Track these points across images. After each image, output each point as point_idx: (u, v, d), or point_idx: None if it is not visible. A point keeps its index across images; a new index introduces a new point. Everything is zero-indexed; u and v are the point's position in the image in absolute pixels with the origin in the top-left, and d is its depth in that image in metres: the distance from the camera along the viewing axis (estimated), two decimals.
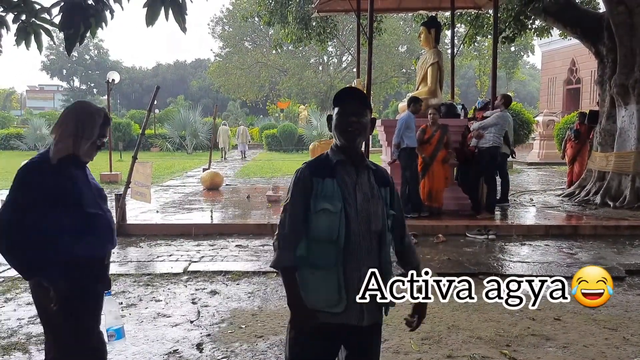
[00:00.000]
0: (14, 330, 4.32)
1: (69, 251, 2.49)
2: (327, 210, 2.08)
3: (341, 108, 2.16)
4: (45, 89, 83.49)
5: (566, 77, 29.68)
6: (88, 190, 2.61)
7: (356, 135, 2.14)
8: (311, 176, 2.13)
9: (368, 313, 2.14)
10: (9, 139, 31.09)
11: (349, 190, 2.12)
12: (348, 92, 2.21)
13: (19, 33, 3.86)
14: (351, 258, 2.10)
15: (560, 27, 11.93)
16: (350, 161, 2.17)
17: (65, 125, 2.60)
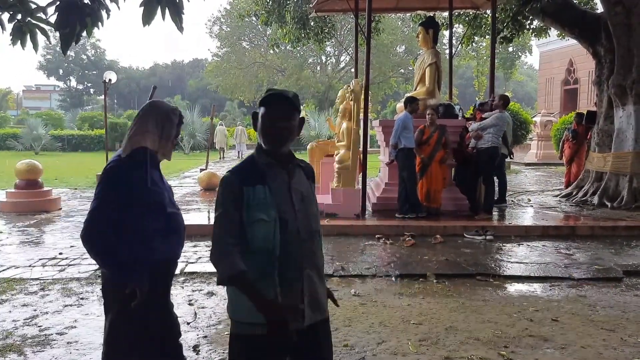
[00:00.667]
0: (9, 332, 4.29)
1: (155, 252, 2.50)
2: (262, 220, 1.98)
3: (267, 110, 2.05)
4: (41, 88, 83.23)
5: (564, 77, 29.71)
6: (165, 190, 2.63)
7: (284, 139, 2.06)
8: (240, 185, 2.01)
9: (311, 312, 2.09)
10: (5, 139, 30.97)
11: (282, 194, 2.04)
12: (275, 94, 2.07)
13: (14, 32, 3.83)
14: (290, 264, 2.03)
15: (558, 28, 11.93)
16: (279, 163, 2.08)
17: (141, 124, 2.60)
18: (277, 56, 43.52)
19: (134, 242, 2.45)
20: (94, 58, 70.00)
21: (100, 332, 4.24)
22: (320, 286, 2.16)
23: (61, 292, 5.31)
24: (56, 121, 37.18)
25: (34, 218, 9.45)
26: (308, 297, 2.08)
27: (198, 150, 29.52)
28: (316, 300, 2.12)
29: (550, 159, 20.27)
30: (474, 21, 13.34)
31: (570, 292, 5.32)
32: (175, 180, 15.86)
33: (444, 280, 5.64)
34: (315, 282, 2.12)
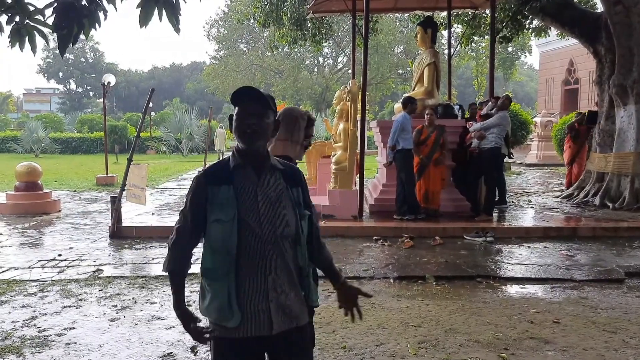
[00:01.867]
0: (8, 333, 4.28)
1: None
2: (220, 220, 1.95)
3: (240, 108, 2.02)
4: (41, 92, 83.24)
5: (564, 77, 29.67)
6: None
7: (256, 137, 1.99)
8: (206, 184, 2.00)
9: (278, 320, 1.99)
10: (5, 142, 31.03)
11: (247, 196, 1.98)
12: (247, 91, 2.03)
13: (12, 35, 3.81)
14: (251, 268, 1.97)
15: (558, 27, 11.92)
16: (250, 164, 2.03)
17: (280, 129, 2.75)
18: (275, 58, 43.53)
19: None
20: (93, 61, 70.00)
21: (99, 333, 4.25)
22: (293, 292, 2.05)
23: (60, 294, 5.29)
24: (56, 124, 37.21)
25: (33, 220, 9.44)
26: (275, 303, 1.98)
27: (196, 153, 29.51)
28: (285, 307, 2.01)
29: (551, 160, 20.24)
30: (473, 21, 13.33)
31: (571, 293, 5.29)
32: (173, 182, 15.85)
33: (443, 282, 5.62)
34: (285, 288, 2.01)
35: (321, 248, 2.23)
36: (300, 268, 2.08)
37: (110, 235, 7.87)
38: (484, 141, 8.41)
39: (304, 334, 2.15)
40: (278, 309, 1.99)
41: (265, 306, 1.97)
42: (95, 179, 15.19)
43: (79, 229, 8.63)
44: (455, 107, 9.93)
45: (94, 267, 6.26)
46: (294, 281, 2.06)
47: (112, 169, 15.90)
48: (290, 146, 2.78)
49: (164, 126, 31.65)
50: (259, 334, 1.99)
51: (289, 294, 2.03)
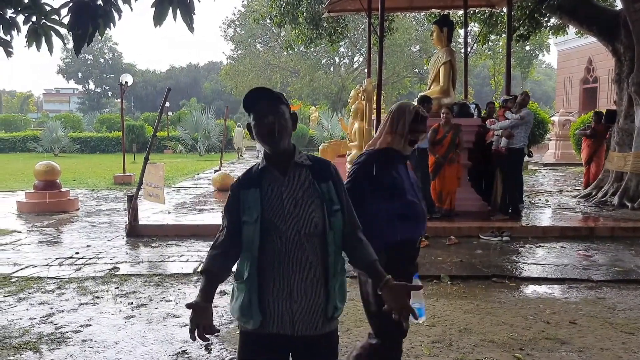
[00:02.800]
0: (25, 329, 4.34)
1: (393, 233, 2.73)
2: (246, 222, 2.00)
3: (255, 112, 2.01)
4: (61, 92, 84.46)
5: (583, 76, 29.26)
6: (408, 181, 2.85)
7: (280, 137, 1.98)
8: (239, 189, 2.06)
9: (301, 322, 1.98)
10: (25, 141, 31.50)
11: (272, 196, 1.99)
12: (256, 93, 2.03)
13: (29, 35, 3.88)
14: (275, 268, 1.98)
15: (576, 25, 11.76)
16: (275, 164, 2.03)
17: (384, 123, 2.92)
18: (291, 58, 43.60)
19: (375, 222, 2.68)
20: (112, 61, 70.82)
21: (114, 330, 4.30)
22: (320, 294, 2.01)
23: (77, 291, 5.36)
24: (75, 123, 37.72)
25: (52, 218, 9.58)
26: (299, 304, 1.97)
27: (213, 152, 29.68)
28: (310, 309, 1.99)
29: (569, 159, 19.99)
30: (490, 19, 13.22)
31: (589, 294, 5.22)
32: (189, 181, 15.96)
33: (458, 282, 5.58)
34: (310, 288, 1.99)
35: (357, 245, 2.13)
36: (327, 269, 2.02)
37: (127, 234, 7.95)
38: (513, 140, 8.31)
39: (330, 341, 2.11)
40: (302, 310, 1.98)
41: (289, 306, 1.97)
42: (113, 178, 15.37)
43: (96, 227, 8.73)
44: (472, 106, 9.85)
45: (111, 265, 6.33)
46: (321, 282, 2.01)
47: (130, 168, 16.07)
48: (395, 138, 2.85)
49: (181, 126, 31.89)
50: (281, 332, 2.00)
51: (315, 295, 2.00)
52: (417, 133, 2.86)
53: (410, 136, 2.84)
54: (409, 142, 2.86)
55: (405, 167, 2.92)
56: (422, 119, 2.87)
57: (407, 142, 2.86)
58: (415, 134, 2.85)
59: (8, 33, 3.84)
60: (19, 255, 6.87)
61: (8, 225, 8.92)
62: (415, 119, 2.84)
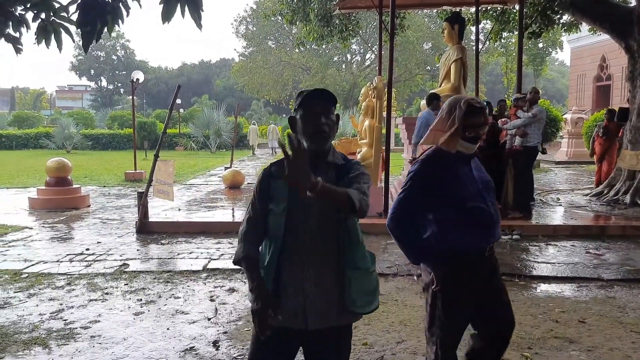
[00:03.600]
0: (35, 325, 4.38)
1: (453, 243, 2.54)
2: (272, 210, 2.07)
3: (308, 109, 2.04)
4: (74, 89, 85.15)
5: (596, 73, 28.98)
6: (470, 184, 2.57)
7: (327, 138, 2.06)
8: (269, 177, 2.12)
9: (313, 316, 2.03)
10: (38, 138, 31.81)
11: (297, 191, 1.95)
12: (315, 92, 2.06)
13: (39, 32, 3.90)
14: (293, 260, 2.04)
15: (589, 22, 11.62)
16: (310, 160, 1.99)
17: (436, 121, 2.65)
18: (303, 55, 43.61)
19: (434, 232, 2.56)
20: (124, 58, 71.28)
21: (123, 327, 4.32)
22: (332, 290, 2.04)
23: (87, 287, 5.40)
24: (87, 120, 38.06)
25: (63, 214, 9.66)
26: (311, 299, 2.02)
27: (224, 149, 29.78)
28: (321, 304, 2.03)
29: (582, 158, 19.79)
30: (502, 16, 13.11)
31: (599, 293, 5.17)
32: (200, 178, 16.02)
33: None
34: (323, 284, 2.04)
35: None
36: (342, 265, 2.06)
37: (137, 230, 8.00)
38: (527, 138, 8.24)
39: (342, 336, 2.15)
40: (313, 305, 2.02)
41: (301, 300, 2.03)
42: (124, 175, 15.47)
43: (106, 224, 8.80)
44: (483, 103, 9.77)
45: (120, 262, 6.37)
46: (335, 278, 2.05)
47: (141, 165, 16.16)
48: (448, 138, 2.54)
49: (192, 123, 32.04)
50: (294, 326, 2.04)
51: (328, 290, 2.04)
52: (475, 128, 2.51)
53: (467, 133, 2.50)
54: (468, 139, 2.52)
55: (469, 168, 2.61)
56: (478, 111, 2.50)
57: (466, 140, 2.52)
58: (472, 129, 2.50)
59: (17, 30, 3.87)
60: (29, 251, 6.94)
61: (20, 221, 9.00)
62: (469, 112, 2.48)
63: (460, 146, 2.55)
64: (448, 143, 2.55)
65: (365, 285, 2.10)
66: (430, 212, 2.59)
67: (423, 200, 2.57)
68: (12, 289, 5.33)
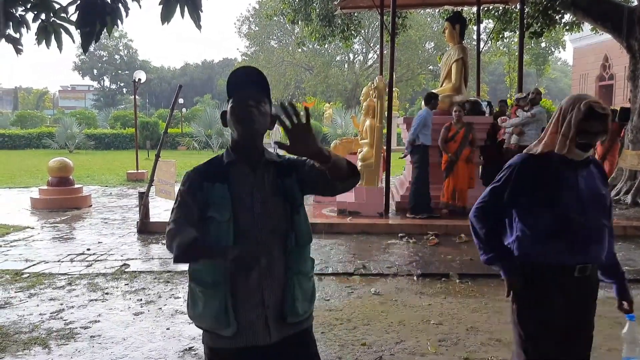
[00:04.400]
0: (35, 325, 4.39)
1: (538, 254, 2.31)
2: (214, 219, 1.83)
3: (236, 95, 1.87)
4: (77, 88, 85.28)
5: (599, 73, 28.90)
6: (572, 192, 2.26)
7: (254, 123, 1.83)
8: (201, 180, 1.88)
9: (278, 327, 1.88)
10: (40, 137, 31.85)
11: (243, 195, 1.86)
12: (242, 73, 1.88)
13: (39, 32, 3.92)
14: (245, 273, 1.81)
15: (590, 22, 11.60)
16: (245, 160, 1.90)
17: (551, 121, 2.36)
18: (305, 54, 43.63)
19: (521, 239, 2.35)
20: (127, 58, 71.35)
21: (123, 327, 4.33)
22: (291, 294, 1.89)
23: (87, 287, 5.41)
24: (90, 120, 38.11)
25: (64, 214, 9.68)
26: (272, 309, 1.86)
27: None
28: (283, 312, 1.88)
29: None
30: (504, 16, 13.09)
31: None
32: None
33: (467, 280, 5.55)
34: (282, 291, 1.88)
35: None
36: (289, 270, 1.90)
37: (138, 230, 8.02)
38: (524, 137, 8.22)
39: (307, 338, 2.00)
40: (276, 315, 1.87)
41: (262, 313, 1.85)
42: (126, 175, 15.49)
43: (108, 224, 8.81)
44: (484, 104, 9.77)
45: (121, 262, 6.39)
46: (292, 282, 1.90)
47: (143, 164, 16.19)
48: (559, 140, 2.25)
49: (194, 122, 32.08)
50: (255, 344, 1.86)
51: (287, 296, 1.88)
52: (589, 135, 2.19)
53: (578, 139, 2.19)
54: (580, 145, 2.21)
55: (576, 175, 2.28)
56: (599, 117, 2.16)
57: (575, 146, 2.21)
58: (585, 136, 2.19)
59: (17, 31, 3.88)
60: (31, 251, 6.96)
61: (21, 221, 9.03)
62: (587, 116, 2.16)
63: (570, 151, 2.24)
64: (560, 147, 2.26)
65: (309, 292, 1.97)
66: (518, 214, 2.36)
67: (514, 199, 2.33)
68: (13, 289, 5.35)
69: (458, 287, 5.34)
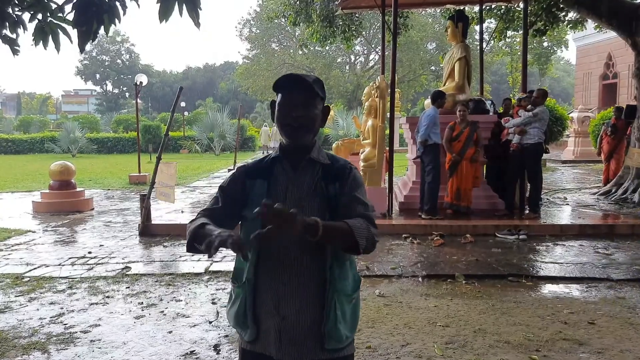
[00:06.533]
0: (35, 329, 4.32)
1: None
2: (247, 216, 1.77)
3: (283, 97, 1.77)
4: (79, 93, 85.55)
5: (602, 72, 28.76)
6: None
7: (301, 131, 1.75)
8: (245, 176, 1.83)
9: (287, 344, 1.73)
10: (43, 142, 31.91)
11: (278, 191, 1.77)
12: (293, 78, 1.77)
13: (36, 33, 3.85)
14: (268, 276, 1.73)
15: (595, 19, 11.50)
16: (288, 157, 1.82)
17: None
18: (306, 57, 43.62)
19: None
20: (129, 63, 71.55)
21: (123, 330, 4.26)
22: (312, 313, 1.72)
23: (88, 291, 5.34)
24: (92, 124, 38.18)
25: (66, 218, 9.63)
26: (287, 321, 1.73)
27: (228, 151, 29.77)
28: (296, 329, 1.72)
29: (589, 156, 19.63)
30: (506, 15, 13.00)
31: (608, 293, 5.06)
32: (204, 180, 15.97)
33: (473, 281, 5.45)
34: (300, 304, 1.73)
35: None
36: (325, 280, 1.73)
37: (140, 233, 7.95)
38: (527, 136, 8.12)
39: None
40: (286, 329, 1.73)
41: (276, 323, 1.74)
42: (128, 178, 15.45)
43: (109, 227, 8.75)
44: (487, 102, 9.68)
45: (122, 265, 6.32)
46: (316, 300, 1.73)
47: (146, 168, 16.13)
48: None
49: (196, 125, 32.09)
50: (266, 353, 1.78)
51: (308, 313, 1.73)
52: None
53: None
54: None
55: None
56: None
57: None
58: None
59: (14, 31, 3.82)
60: (32, 255, 6.89)
61: (23, 225, 8.97)
62: None
63: None
64: None
65: (353, 315, 1.80)
66: None
67: None
68: (13, 293, 5.28)
69: (464, 289, 5.24)
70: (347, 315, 1.76)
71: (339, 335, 1.74)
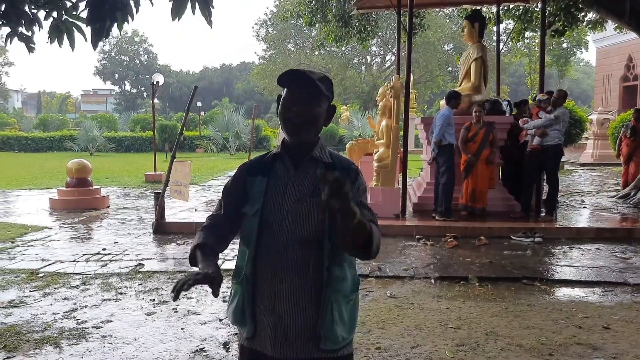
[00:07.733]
0: (48, 324, 4.37)
1: None
2: (246, 213, 1.77)
3: (287, 92, 1.75)
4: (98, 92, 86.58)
5: (623, 73, 28.33)
6: None
7: (302, 127, 1.72)
8: (246, 174, 1.83)
9: (281, 342, 1.71)
10: (62, 140, 32.34)
11: (278, 189, 1.75)
12: (297, 74, 1.72)
13: (51, 31, 3.88)
14: (265, 272, 1.72)
15: (614, 19, 11.32)
16: (289, 154, 1.79)
17: None
18: (322, 57, 43.63)
19: None
20: (147, 63, 72.19)
21: (135, 327, 4.28)
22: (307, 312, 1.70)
23: (101, 287, 5.38)
24: (110, 123, 38.57)
25: (82, 215, 9.73)
26: (283, 320, 1.70)
27: (243, 151, 29.88)
28: (291, 328, 1.70)
29: (608, 159, 19.32)
30: (524, 15, 12.85)
31: (624, 298, 4.97)
32: (219, 179, 16.04)
33: (486, 284, 5.39)
34: (297, 303, 1.70)
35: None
36: (323, 282, 1.69)
37: (154, 231, 8.00)
38: (547, 138, 8.01)
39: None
40: (281, 327, 1.71)
41: (272, 322, 1.72)
42: (144, 176, 15.58)
43: (124, 224, 8.82)
44: (504, 103, 9.57)
45: (136, 262, 6.36)
46: (313, 299, 1.71)
47: (162, 166, 16.24)
48: None
49: (212, 125, 32.27)
50: (261, 350, 1.76)
51: (305, 313, 1.70)
52: None
53: None
54: None
55: None
56: None
57: None
58: None
59: (30, 29, 3.86)
60: (47, 251, 6.98)
61: (40, 221, 9.09)
62: None
63: None
64: None
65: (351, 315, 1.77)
66: None
67: None
68: (28, 288, 5.35)
69: (477, 291, 5.19)
70: (345, 317, 1.73)
71: (335, 336, 1.71)
